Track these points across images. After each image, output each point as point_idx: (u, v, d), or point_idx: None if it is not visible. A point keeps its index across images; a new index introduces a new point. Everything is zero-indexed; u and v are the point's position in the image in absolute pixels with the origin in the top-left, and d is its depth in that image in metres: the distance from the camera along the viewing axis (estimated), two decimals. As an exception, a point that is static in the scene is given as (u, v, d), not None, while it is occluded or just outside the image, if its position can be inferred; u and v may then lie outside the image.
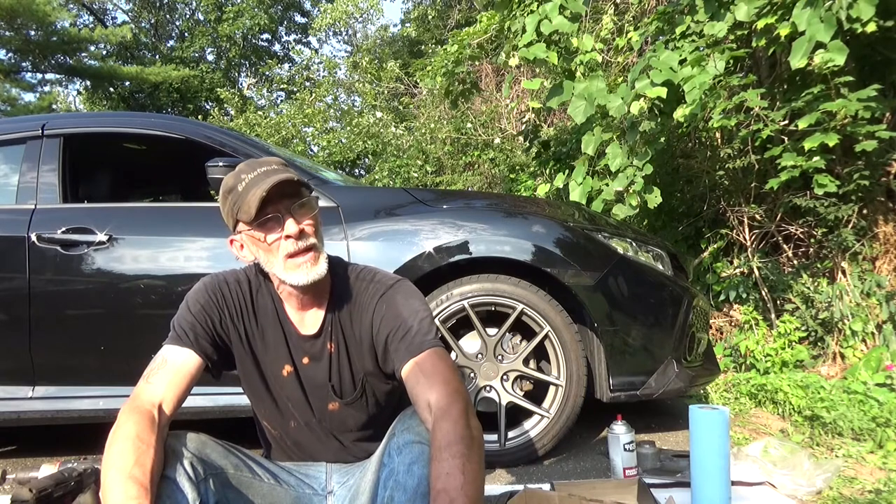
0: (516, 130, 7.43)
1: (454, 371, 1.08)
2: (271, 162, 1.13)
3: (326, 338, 1.20)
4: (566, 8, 3.14)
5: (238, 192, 1.09)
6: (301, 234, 1.10)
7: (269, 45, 18.31)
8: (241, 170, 1.12)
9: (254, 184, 1.08)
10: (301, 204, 1.12)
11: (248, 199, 1.07)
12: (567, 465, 2.12)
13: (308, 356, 1.21)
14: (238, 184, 1.10)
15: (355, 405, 1.23)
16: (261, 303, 1.21)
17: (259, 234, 1.11)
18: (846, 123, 2.86)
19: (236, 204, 1.10)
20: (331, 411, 1.22)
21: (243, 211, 1.08)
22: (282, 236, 1.10)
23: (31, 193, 2.17)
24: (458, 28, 8.26)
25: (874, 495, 1.74)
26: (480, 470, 0.93)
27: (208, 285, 1.19)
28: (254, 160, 1.15)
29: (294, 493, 1.17)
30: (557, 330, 2.06)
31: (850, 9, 2.40)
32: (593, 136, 3.25)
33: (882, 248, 3.48)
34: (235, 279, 1.22)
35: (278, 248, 1.11)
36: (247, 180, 1.09)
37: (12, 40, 13.80)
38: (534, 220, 2.16)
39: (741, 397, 2.87)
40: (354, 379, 1.22)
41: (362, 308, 1.19)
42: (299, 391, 1.21)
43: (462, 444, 0.93)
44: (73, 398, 2.05)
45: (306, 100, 10.36)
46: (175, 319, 1.15)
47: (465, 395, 1.03)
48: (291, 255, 1.10)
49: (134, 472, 0.89)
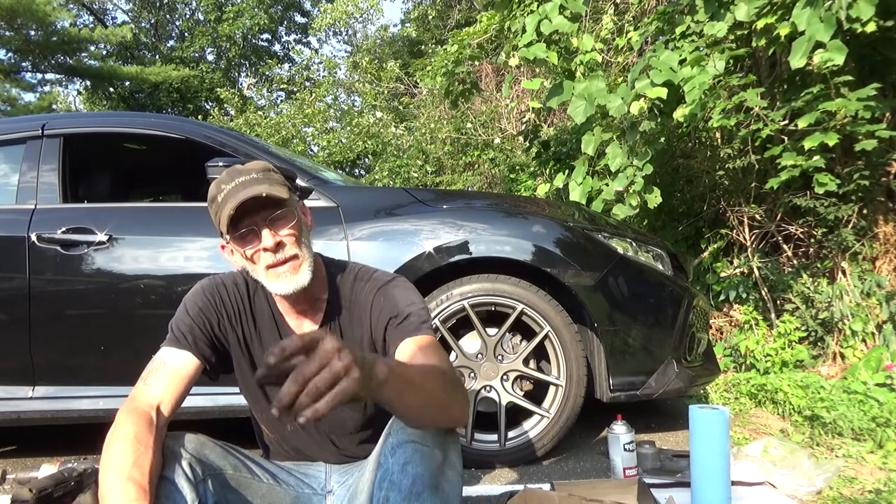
0: (516, 130, 7.43)
1: (443, 357, 1.09)
2: (251, 170, 1.11)
3: None
4: (566, 8, 3.14)
5: (217, 203, 1.09)
6: (278, 246, 1.09)
7: (269, 45, 18.30)
8: (221, 179, 1.10)
9: (229, 196, 1.06)
10: (276, 216, 1.10)
11: (223, 213, 1.06)
12: (567, 465, 2.12)
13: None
14: (218, 194, 1.09)
15: (353, 406, 1.22)
16: (258, 305, 1.21)
17: (238, 247, 1.11)
18: (846, 123, 2.86)
19: (217, 215, 1.09)
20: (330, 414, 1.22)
21: (221, 223, 1.08)
22: (259, 248, 1.09)
23: (31, 193, 2.17)
24: (458, 28, 8.26)
25: (874, 495, 1.74)
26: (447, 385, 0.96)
27: (206, 288, 1.19)
28: (235, 168, 1.12)
29: (293, 492, 1.16)
30: (557, 330, 2.06)
31: (850, 9, 2.40)
32: (593, 136, 3.25)
33: (882, 248, 3.48)
34: (233, 282, 1.22)
35: (259, 259, 1.11)
36: (225, 191, 1.08)
37: (12, 40, 13.80)
38: (534, 220, 2.16)
39: (741, 397, 2.87)
40: None
41: (361, 307, 1.20)
42: None
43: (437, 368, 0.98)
44: (73, 398, 2.05)
45: (306, 100, 10.36)
46: (173, 321, 1.15)
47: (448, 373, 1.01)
48: (271, 266, 1.10)
49: (132, 474, 0.89)
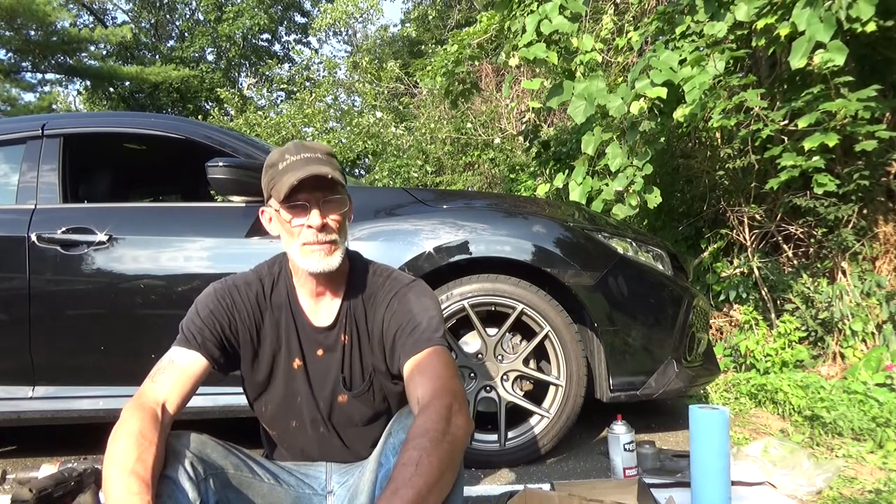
0: (516, 130, 7.43)
1: (449, 369, 1.08)
2: (317, 149, 1.16)
3: (341, 329, 1.22)
4: (566, 8, 3.14)
5: (277, 170, 1.13)
6: (324, 227, 1.13)
7: (269, 45, 18.31)
8: (287, 149, 1.15)
9: (292, 167, 1.11)
10: (331, 199, 1.14)
11: (282, 181, 1.10)
12: (567, 465, 2.12)
13: (322, 347, 1.22)
14: (280, 161, 1.13)
15: (363, 398, 1.24)
16: (274, 299, 1.23)
17: (286, 215, 1.14)
18: (846, 123, 2.86)
19: (273, 180, 1.13)
20: (339, 404, 1.23)
21: (276, 190, 1.11)
22: (305, 224, 1.13)
23: (31, 193, 2.17)
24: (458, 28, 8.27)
25: (874, 495, 1.74)
26: (442, 465, 0.88)
27: (218, 290, 1.20)
28: (301, 142, 1.17)
29: (294, 492, 1.17)
30: (557, 330, 2.06)
31: (850, 9, 2.40)
32: (593, 136, 3.25)
33: (882, 248, 3.48)
34: (245, 282, 1.23)
35: (299, 234, 1.14)
36: (288, 161, 1.12)
37: (12, 40, 13.79)
38: (534, 220, 2.16)
39: (741, 397, 2.87)
40: (364, 372, 1.23)
41: (377, 304, 1.22)
42: (306, 385, 1.22)
43: (426, 437, 0.90)
44: (73, 398, 2.05)
45: (306, 100, 10.36)
46: (184, 322, 1.16)
47: (453, 392, 1.01)
48: (308, 244, 1.13)
49: (136, 468, 0.90)
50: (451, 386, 1.03)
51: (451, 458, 0.91)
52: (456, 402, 0.99)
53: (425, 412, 0.96)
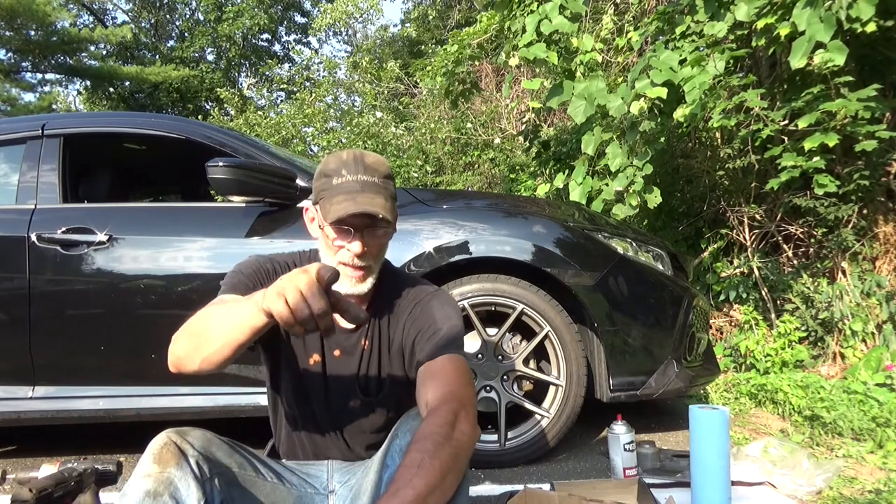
0: (516, 130, 7.43)
1: (463, 377, 1.07)
2: (377, 171, 1.13)
3: (362, 334, 1.22)
4: (566, 8, 3.15)
5: (331, 185, 1.11)
6: (362, 254, 1.13)
7: (269, 45, 18.30)
8: (346, 161, 1.12)
9: (346, 190, 1.09)
10: (376, 232, 1.14)
11: (332, 203, 1.09)
12: (567, 465, 2.12)
13: (340, 349, 1.22)
14: (336, 176, 1.11)
15: (376, 406, 1.24)
16: None
17: (330, 233, 1.14)
18: (846, 123, 2.86)
19: (323, 193, 1.12)
20: (351, 408, 1.23)
21: (324, 209, 1.11)
22: (344, 246, 1.13)
23: (31, 193, 2.17)
24: (458, 28, 8.27)
25: (874, 495, 1.74)
26: (444, 469, 0.87)
27: (260, 259, 1.22)
28: (363, 158, 1.13)
29: (296, 492, 1.17)
30: (557, 330, 2.06)
31: (850, 9, 2.40)
32: (593, 136, 3.25)
33: (882, 248, 3.48)
34: (283, 261, 1.23)
35: (337, 252, 1.14)
36: (344, 179, 1.10)
37: (12, 40, 13.79)
38: (534, 220, 2.16)
39: (741, 397, 2.87)
40: (381, 380, 1.23)
41: (400, 311, 1.22)
42: (322, 383, 1.22)
43: (429, 440, 0.90)
44: (73, 398, 2.05)
45: (306, 100, 10.34)
46: (225, 280, 1.16)
47: (461, 399, 1.01)
48: (343, 264, 1.13)
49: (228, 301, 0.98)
50: (461, 393, 1.02)
51: (453, 463, 0.90)
52: (464, 409, 0.98)
53: (432, 416, 0.96)
